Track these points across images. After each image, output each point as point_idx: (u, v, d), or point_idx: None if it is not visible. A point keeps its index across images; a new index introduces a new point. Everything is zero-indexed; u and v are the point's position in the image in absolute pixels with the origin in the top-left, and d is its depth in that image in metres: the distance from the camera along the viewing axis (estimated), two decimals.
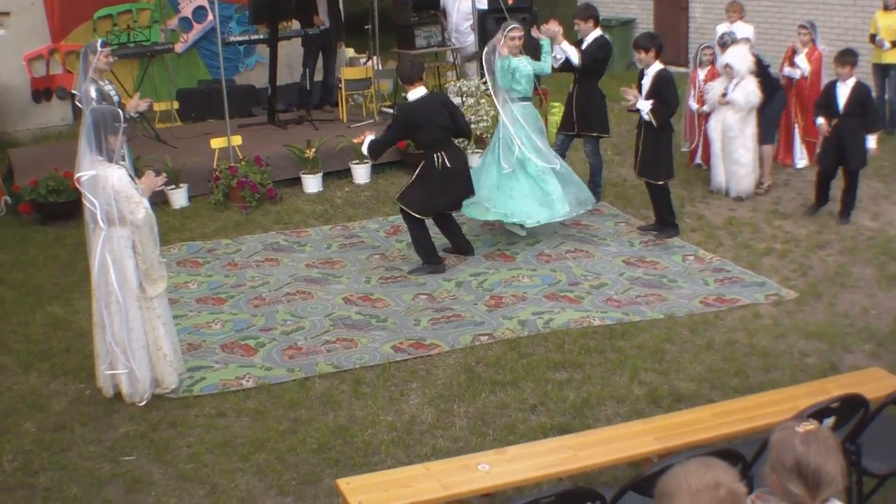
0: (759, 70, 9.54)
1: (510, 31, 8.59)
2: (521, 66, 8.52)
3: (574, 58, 9.11)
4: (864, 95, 8.80)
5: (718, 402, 5.49)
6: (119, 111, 6.16)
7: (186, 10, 13.30)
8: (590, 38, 9.29)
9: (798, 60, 10.23)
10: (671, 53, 14.53)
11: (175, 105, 12.44)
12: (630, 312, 7.24)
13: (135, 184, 5.92)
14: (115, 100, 8.25)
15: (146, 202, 5.90)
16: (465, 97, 10.89)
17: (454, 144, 8.25)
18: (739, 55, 9.45)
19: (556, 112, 10.97)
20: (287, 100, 12.77)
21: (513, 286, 7.79)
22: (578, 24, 9.36)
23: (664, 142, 8.60)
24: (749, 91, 9.38)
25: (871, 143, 8.76)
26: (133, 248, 5.90)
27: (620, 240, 8.76)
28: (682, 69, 14.02)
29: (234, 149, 10.18)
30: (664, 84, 8.42)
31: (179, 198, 10.00)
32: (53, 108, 12.78)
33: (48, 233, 9.38)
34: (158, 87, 12.22)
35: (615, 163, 10.92)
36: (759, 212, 9.38)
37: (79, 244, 8.44)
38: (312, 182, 10.39)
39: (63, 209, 9.51)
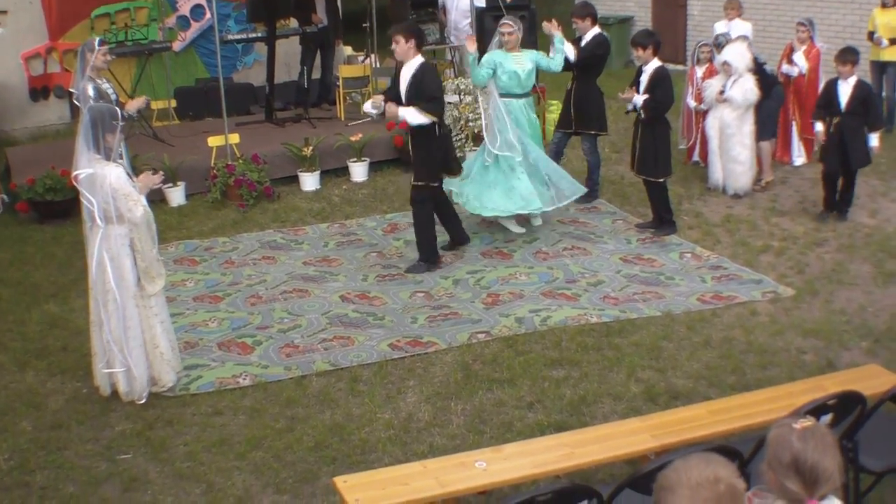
0: (756, 67, 9.53)
1: (500, 27, 8.70)
2: (507, 63, 8.58)
3: (570, 54, 9.12)
4: (867, 94, 8.76)
5: (715, 400, 5.48)
6: (117, 109, 6.15)
7: (184, 9, 13.29)
8: (588, 36, 9.31)
9: (796, 58, 10.23)
10: (669, 51, 14.54)
11: (173, 103, 12.44)
12: (627, 310, 7.24)
13: (132, 182, 5.92)
14: (113, 98, 8.24)
15: (144, 200, 5.90)
16: (464, 95, 10.89)
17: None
18: (738, 52, 9.44)
19: (554, 110, 10.97)
20: (285, 98, 12.77)
21: (510, 284, 7.78)
22: (576, 23, 9.38)
23: (661, 139, 8.60)
24: (747, 89, 9.37)
25: (874, 142, 8.72)
26: (131, 246, 5.90)
27: (618, 237, 8.76)
28: (680, 67, 14.02)
29: (232, 147, 10.18)
30: (660, 81, 8.43)
31: (177, 196, 10.00)
32: (51, 107, 12.76)
33: (45, 231, 9.38)
34: (156, 86, 12.21)
35: (613, 161, 10.91)
36: (757, 209, 9.38)
37: (76, 242, 8.44)
38: (310, 180, 10.38)
39: (60, 208, 9.51)
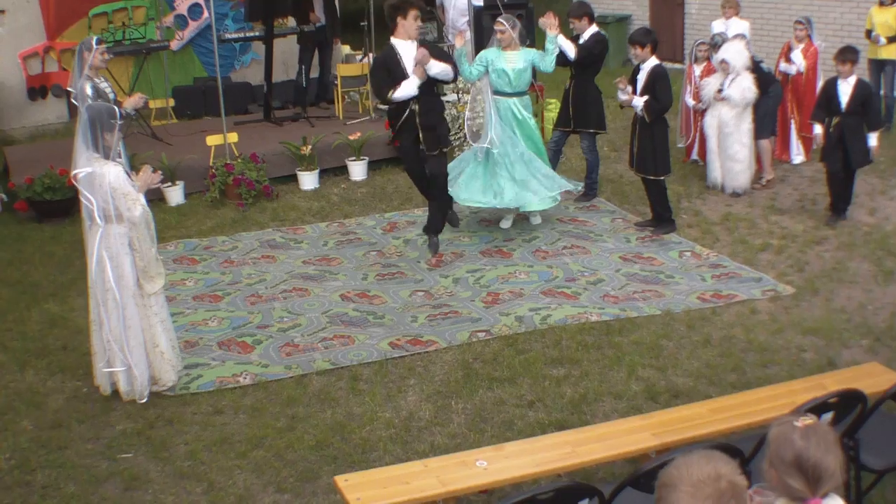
0: (753, 66, 9.53)
1: (495, 25, 8.76)
2: (498, 61, 8.63)
3: (570, 52, 9.13)
4: (867, 93, 8.70)
5: (716, 398, 5.49)
6: (115, 108, 6.14)
7: (182, 8, 13.27)
8: (586, 35, 9.32)
9: (794, 56, 10.24)
10: (667, 50, 14.57)
11: (171, 102, 12.44)
12: (627, 308, 7.24)
13: (131, 180, 5.92)
14: (111, 97, 8.21)
15: (143, 199, 5.89)
16: (462, 93, 10.88)
17: (432, 97, 8.17)
18: (736, 51, 9.44)
19: (553, 108, 10.96)
20: (283, 97, 12.77)
21: (510, 282, 7.79)
22: (573, 23, 9.39)
23: (660, 137, 8.60)
24: (745, 87, 9.37)
25: (873, 142, 8.65)
26: (130, 246, 5.90)
27: (617, 236, 8.76)
28: (678, 65, 14.02)
29: (231, 146, 10.18)
30: (659, 80, 8.43)
31: (176, 195, 9.99)
32: (49, 106, 12.74)
33: (44, 230, 9.37)
34: (154, 85, 12.20)
35: (612, 159, 10.91)
36: (756, 207, 9.38)
37: (75, 242, 8.44)
38: (309, 179, 10.38)
39: (59, 207, 9.50)
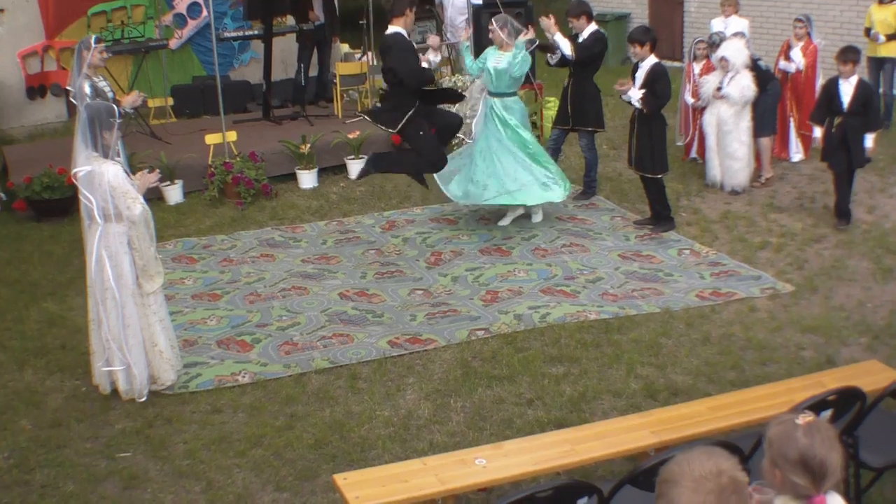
0: (751, 63, 9.52)
1: (489, 24, 8.84)
2: (488, 60, 8.72)
3: (567, 50, 9.12)
4: (869, 94, 8.64)
5: (715, 396, 5.49)
6: (114, 106, 6.14)
7: (181, 7, 13.25)
8: (585, 33, 9.30)
9: (793, 54, 10.23)
10: (666, 48, 14.55)
11: (170, 101, 12.42)
12: (626, 306, 7.24)
13: (131, 180, 5.91)
14: (110, 96, 8.21)
15: (142, 198, 5.89)
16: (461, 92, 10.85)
17: (390, 100, 8.26)
18: (736, 48, 9.44)
19: (551, 107, 10.96)
20: (282, 95, 12.76)
21: (509, 281, 7.78)
22: (572, 22, 9.38)
23: (658, 135, 8.59)
24: (744, 85, 9.37)
25: (869, 143, 8.57)
26: (129, 244, 5.89)
27: (616, 234, 8.76)
28: (677, 63, 14.01)
29: (229, 145, 10.17)
30: (658, 77, 8.42)
31: (174, 194, 9.98)
32: (48, 105, 12.73)
33: (43, 229, 9.36)
34: (153, 84, 12.18)
35: (610, 157, 10.91)
36: (755, 205, 9.38)
37: (73, 241, 8.43)
38: (307, 178, 10.37)
39: (58, 206, 9.49)
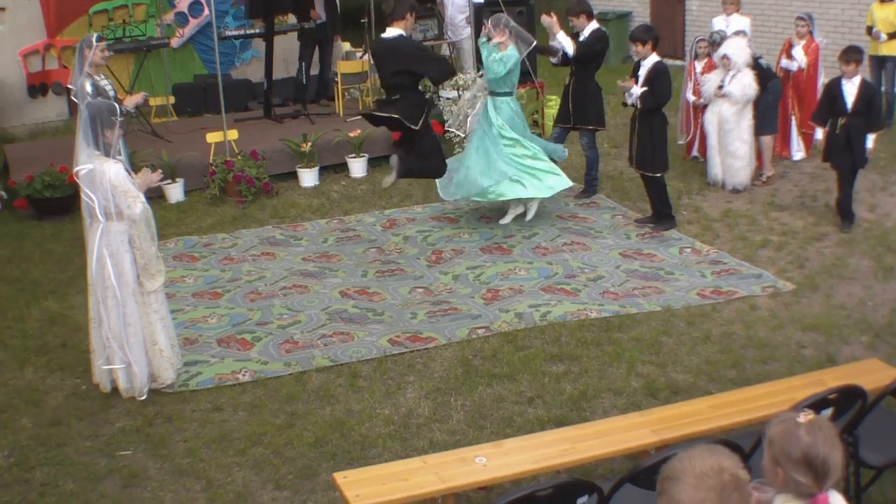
0: (752, 62, 9.51)
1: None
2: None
3: (569, 48, 9.11)
4: (872, 94, 8.60)
5: (715, 394, 5.49)
6: (115, 105, 6.14)
7: (182, 5, 13.26)
8: (587, 31, 9.29)
9: (795, 53, 10.21)
10: (668, 46, 14.54)
11: (171, 100, 12.42)
12: (627, 305, 7.23)
13: (131, 178, 5.91)
14: (111, 95, 8.21)
15: (143, 197, 5.89)
16: (462, 90, 10.87)
17: (406, 99, 8.06)
18: (737, 46, 9.42)
19: (553, 105, 10.95)
20: (283, 94, 12.76)
21: (509, 279, 7.78)
22: (572, 21, 9.37)
23: (659, 134, 8.57)
24: (746, 84, 9.35)
25: (870, 143, 8.52)
26: (130, 243, 5.89)
27: (617, 232, 8.75)
28: (679, 62, 14.00)
29: (231, 143, 10.17)
30: (659, 76, 8.41)
31: (175, 192, 9.99)
32: (49, 104, 12.74)
33: (44, 228, 9.37)
34: (154, 82, 12.18)
35: (612, 156, 10.90)
36: (756, 204, 9.37)
37: (74, 239, 8.44)
38: (309, 176, 10.37)
39: (59, 204, 9.50)
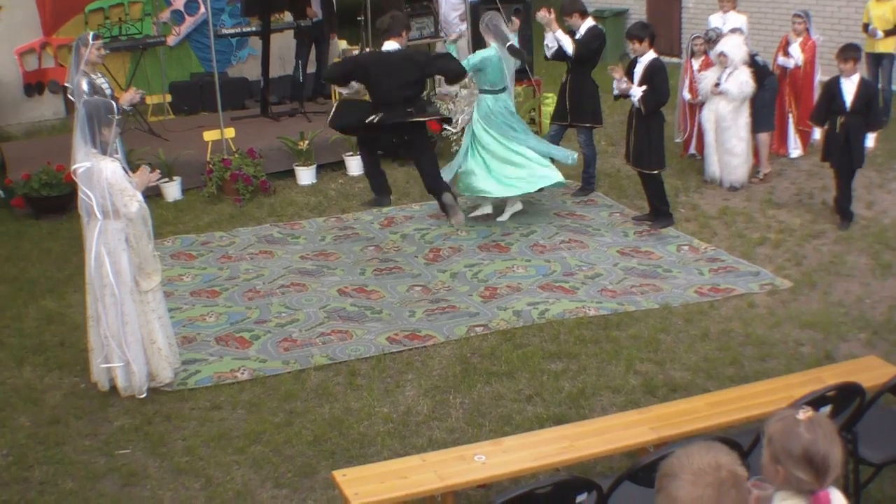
0: (749, 59, 9.51)
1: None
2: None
3: (568, 47, 9.11)
4: (871, 92, 8.59)
5: (714, 392, 5.50)
6: (112, 103, 6.13)
7: (178, 3, 13.26)
8: (582, 30, 9.28)
9: (792, 50, 10.22)
10: (664, 44, 14.51)
11: (167, 98, 12.42)
12: (625, 302, 7.23)
13: (129, 177, 5.90)
14: (108, 93, 8.20)
15: (140, 195, 5.88)
16: (459, 89, 10.83)
17: (420, 103, 8.33)
18: (734, 44, 9.43)
19: (550, 103, 10.95)
20: (280, 92, 12.75)
21: (507, 277, 7.78)
22: (567, 20, 9.37)
23: (656, 131, 8.58)
24: (742, 81, 9.35)
25: (870, 142, 8.48)
26: (127, 242, 5.88)
27: (615, 230, 8.75)
28: (676, 59, 14.00)
29: (228, 141, 10.16)
30: (656, 73, 8.40)
31: (173, 191, 9.98)
32: (45, 102, 12.72)
33: (41, 227, 9.35)
34: (151, 81, 12.18)
35: (609, 153, 10.91)
36: (754, 201, 9.38)
37: (72, 238, 8.43)
38: (306, 174, 10.37)
39: (56, 203, 9.48)
